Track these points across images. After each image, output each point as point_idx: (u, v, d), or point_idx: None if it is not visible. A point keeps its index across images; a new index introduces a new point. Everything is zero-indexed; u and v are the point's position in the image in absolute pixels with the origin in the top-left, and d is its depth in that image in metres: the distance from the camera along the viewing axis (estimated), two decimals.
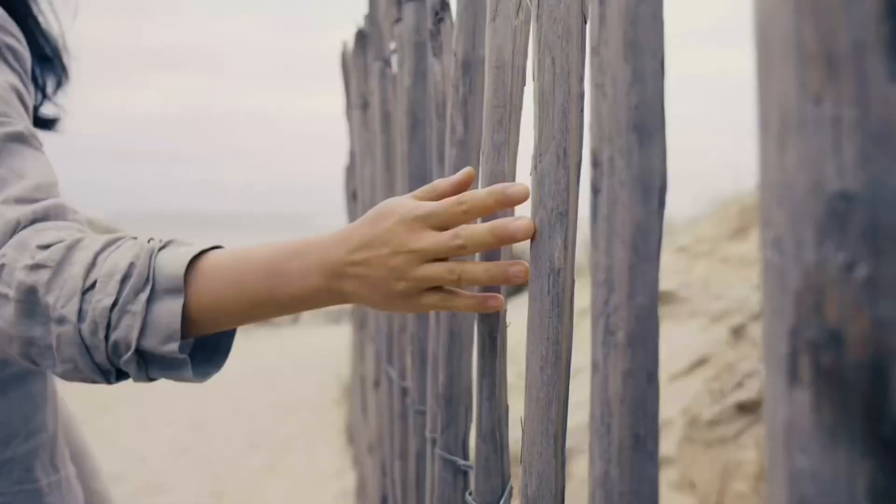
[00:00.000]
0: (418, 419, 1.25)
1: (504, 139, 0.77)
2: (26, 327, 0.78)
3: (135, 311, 0.76)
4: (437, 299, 0.75)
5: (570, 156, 0.62)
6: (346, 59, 2.78)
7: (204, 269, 0.79)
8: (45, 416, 1.10)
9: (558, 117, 0.62)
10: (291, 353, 10.87)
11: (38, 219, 0.81)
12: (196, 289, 0.78)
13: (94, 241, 0.80)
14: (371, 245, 0.74)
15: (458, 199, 0.73)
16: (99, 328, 0.76)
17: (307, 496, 4.93)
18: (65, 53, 1.16)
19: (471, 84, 0.94)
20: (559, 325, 0.62)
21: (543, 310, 0.63)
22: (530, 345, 0.64)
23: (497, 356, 0.77)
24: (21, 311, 0.77)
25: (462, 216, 0.72)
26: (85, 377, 0.80)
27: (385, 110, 1.76)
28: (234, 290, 0.78)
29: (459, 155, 0.94)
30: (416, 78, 1.25)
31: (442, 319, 0.97)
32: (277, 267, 0.78)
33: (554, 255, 0.62)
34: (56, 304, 0.76)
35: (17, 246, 0.78)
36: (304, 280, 0.77)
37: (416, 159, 1.25)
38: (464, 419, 0.95)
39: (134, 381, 0.82)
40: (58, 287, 0.76)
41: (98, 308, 0.76)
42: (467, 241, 0.71)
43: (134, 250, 0.79)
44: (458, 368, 0.94)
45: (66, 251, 0.78)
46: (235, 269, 0.79)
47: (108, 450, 5.97)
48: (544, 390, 0.63)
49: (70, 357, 0.77)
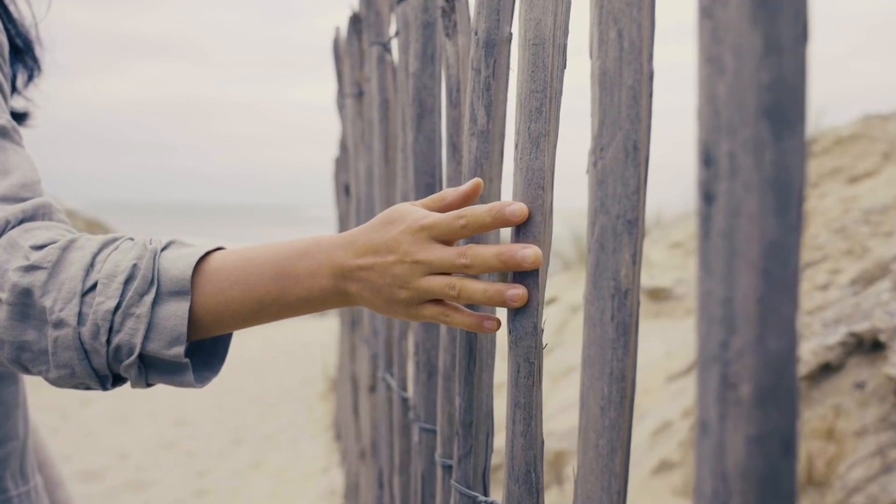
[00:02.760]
0: (425, 437, 1.14)
1: (543, 130, 0.65)
2: (19, 331, 0.75)
3: (139, 313, 0.74)
4: (437, 311, 0.76)
5: (641, 150, 0.51)
6: (338, 46, 2.65)
7: (210, 271, 0.77)
8: (17, 422, 1.05)
9: (626, 103, 0.51)
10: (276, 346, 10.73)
11: (27, 218, 0.79)
12: (202, 290, 0.76)
13: (90, 242, 0.77)
14: (377, 251, 0.75)
15: (459, 213, 0.73)
16: (100, 332, 0.73)
17: (293, 494, 4.80)
18: (37, 45, 1.07)
19: (494, 67, 0.82)
20: (625, 358, 0.51)
21: (605, 339, 0.51)
22: (587, 379, 0.53)
23: (535, 385, 0.65)
24: (14, 314, 0.74)
25: (461, 231, 0.73)
26: (79, 383, 0.77)
27: (384, 98, 1.63)
28: (241, 291, 0.77)
29: (481, 147, 0.83)
30: (423, 62, 1.13)
31: (458, 333, 0.86)
32: (285, 268, 0.77)
33: (620, 273, 0.51)
34: (54, 307, 0.73)
35: (8, 246, 0.76)
36: (312, 280, 0.77)
37: (422, 152, 1.13)
38: (484, 448, 0.84)
39: (132, 386, 0.79)
40: (55, 289, 0.74)
41: (100, 311, 0.73)
42: (473, 262, 0.71)
43: (136, 251, 0.77)
44: (479, 390, 0.83)
45: (62, 252, 0.75)
46: (242, 270, 0.77)
47: (89, 446, 5.83)
48: (605, 437, 0.51)
49: (66, 362, 0.75)
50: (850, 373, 2.24)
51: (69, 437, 6.06)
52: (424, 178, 1.11)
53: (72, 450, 5.71)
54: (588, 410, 0.53)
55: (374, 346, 1.96)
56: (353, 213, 2.39)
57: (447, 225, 0.73)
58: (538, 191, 0.66)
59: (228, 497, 4.79)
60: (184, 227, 56.30)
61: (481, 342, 0.83)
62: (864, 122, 4.32)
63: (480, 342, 0.83)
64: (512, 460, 0.67)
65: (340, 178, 3.39)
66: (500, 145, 0.84)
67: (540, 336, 0.66)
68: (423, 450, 1.15)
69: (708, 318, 0.36)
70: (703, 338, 0.37)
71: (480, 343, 0.82)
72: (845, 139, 4.22)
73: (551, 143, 0.66)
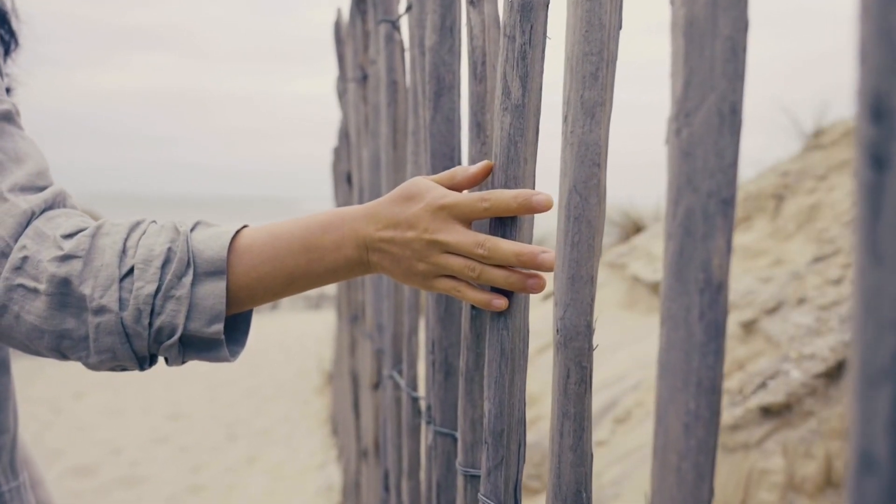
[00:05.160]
0: (441, 442, 1.05)
1: (599, 98, 0.57)
2: (59, 320, 0.76)
3: (179, 295, 0.76)
4: (451, 286, 0.79)
5: (738, 114, 0.42)
6: (339, 28, 2.55)
7: (241, 249, 0.80)
8: (7, 416, 1.04)
9: (722, 56, 0.42)
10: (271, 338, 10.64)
11: (48, 207, 0.81)
12: (236, 269, 0.79)
13: (116, 227, 0.80)
14: (398, 226, 0.77)
15: (483, 196, 0.75)
16: (143, 315, 0.76)
17: (290, 490, 4.72)
18: (13, 17, 1.03)
19: (531, 33, 0.73)
20: (716, 366, 0.42)
21: (692, 343, 0.43)
22: (666, 390, 0.44)
23: (586, 393, 0.57)
24: (53, 304, 0.76)
25: (483, 212, 0.75)
26: (116, 366, 0.80)
27: (392, 80, 1.54)
28: (272, 266, 0.80)
29: (516, 124, 0.74)
30: (441, 35, 1.04)
31: (487, 331, 0.77)
32: (312, 241, 0.80)
33: (711, 263, 0.42)
34: (94, 294, 0.76)
35: (36, 237, 0.77)
36: (338, 252, 0.80)
37: (440, 133, 1.03)
38: (516, 459, 0.75)
39: (168, 365, 0.82)
40: (91, 276, 0.76)
41: (141, 295, 0.76)
42: (491, 254, 0.74)
43: (167, 234, 0.79)
44: (511, 395, 0.74)
45: (92, 239, 0.77)
46: (272, 246, 0.80)
47: (81, 440, 5.74)
48: (690, 460, 0.42)
49: (109, 347, 0.77)
50: None
51: (61, 431, 5.97)
52: (443, 162, 1.02)
53: (64, 444, 5.61)
54: (667, 427, 0.44)
55: (378, 341, 1.88)
56: (356, 203, 2.30)
57: (469, 206, 0.75)
58: (593, 168, 0.57)
59: (223, 493, 4.71)
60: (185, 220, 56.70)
61: (514, 342, 0.74)
62: None
63: (513, 342, 0.74)
64: (559, 478, 0.58)
65: (340, 168, 3.30)
66: (536, 121, 0.76)
67: (592, 336, 0.58)
68: (438, 455, 1.06)
69: (876, 322, 0.28)
70: (867, 347, 0.28)
71: (514, 342, 0.74)
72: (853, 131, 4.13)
73: (607, 113, 0.58)
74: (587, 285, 0.58)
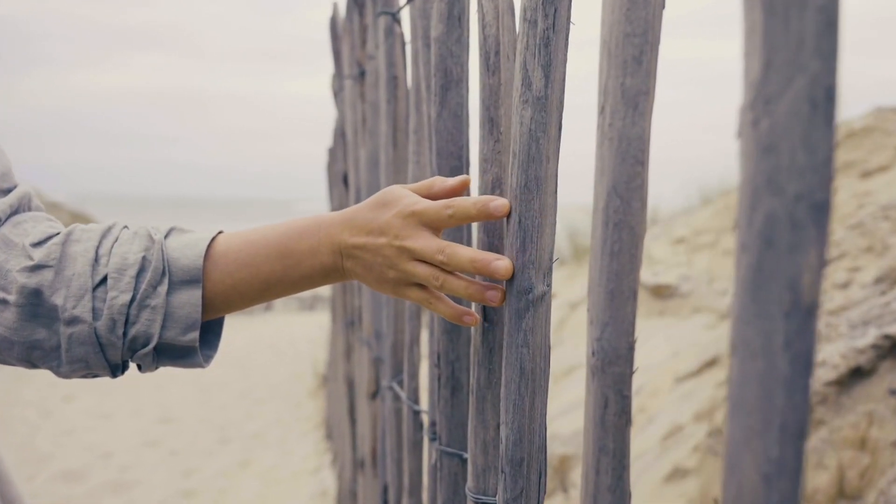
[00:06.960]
0: (447, 462, 0.97)
1: (643, 85, 0.49)
2: (30, 331, 0.75)
3: (155, 304, 0.76)
4: (422, 296, 0.78)
5: (833, 100, 0.35)
6: (335, 23, 2.47)
7: (216, 256, 0.79)
8: None
9: (815, 31, 0.34)
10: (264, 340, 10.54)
11: (14, 212, 0.79)
12: (211, 276, 0.79)
13: (87, 233, 0.78)
14: (371, 231, 0.77)
15: (447, 203, 0.75)
16: (117, 325, 0.75)
17: (283, 495, 4.64)
18: None
19: (555, 17, 0.66)
20: (804, 406, 0.35)
21: (775, 377, 0.35)
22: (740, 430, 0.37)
23: (627, 425, 0.49)
24: (23, 314, 0.75)
25: (447, 220, 0.75)
26: (88, 374, 0.79)
27: (392, 75, 1.47)
28: (248, 272, 0.79)
29: (537, 118, 0.66)
30: (449, 25, 0.97)
31: (504, 348, 0.70)
32: (288, 247, 0.79)
33: (800, 280, 0.35)
34: (66, 305, 0.74)
35: (3, 246, 0.76)
36: (313, 259, 0.79)
37: (447, 130, 0.96)
38: (536, 490, 0.68)
39: (141, 371, 0.81)
40: (63, 286, 0.75)
41: (115, 305, 0.75)
42: (449, 261, 0.74)
43: (141, 242, 0.78)
44: (531, 420, 0.67)
45: (62, 247, 0.76)
46: (248, 253, 0.79)
47: (70, 444, 5.64)
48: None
49: (82, 356, 0.76)
50: (883, 377, 2.10)
51: (50, 435, 5.86)
52: (450, 161, 0.94)
53: (53, 448, 5.51)
54: (743, 476, 0.36)
55: (376, 349, 1.80)
56: (351, 204, 2.22)
57: (435, 213, 0.75)
58: (636, 167, 0.50)
59: (215, 498, 4.62)
60: (176, 222, 57.03)
61: (535, 361, 0.66)
62: (877, 115, 4.17)
63: (534, 360, 0.66)
64: None
65: (335, 168, 3.22)
66: (559, 116, 0.68)
67: (633, 359, 0.50)
68: (444, 476, 0.98)
69: None
70: None
71: (534, 362, 0.66)
72: (857, 132, 4.07)
73: (650, 103, 0.50)
74: (629, 301, 0.50)
